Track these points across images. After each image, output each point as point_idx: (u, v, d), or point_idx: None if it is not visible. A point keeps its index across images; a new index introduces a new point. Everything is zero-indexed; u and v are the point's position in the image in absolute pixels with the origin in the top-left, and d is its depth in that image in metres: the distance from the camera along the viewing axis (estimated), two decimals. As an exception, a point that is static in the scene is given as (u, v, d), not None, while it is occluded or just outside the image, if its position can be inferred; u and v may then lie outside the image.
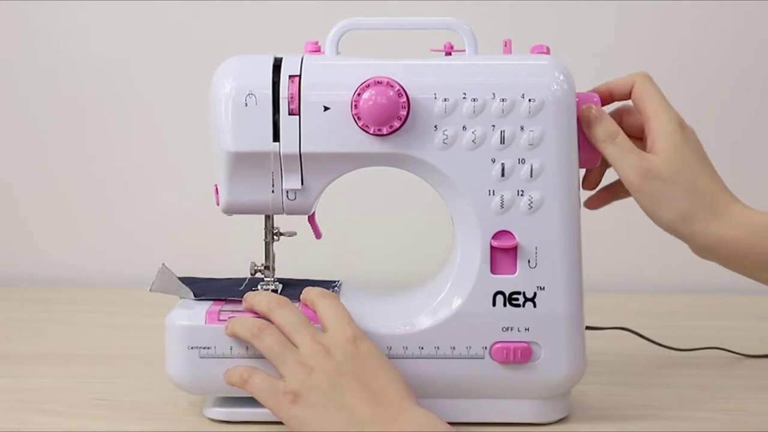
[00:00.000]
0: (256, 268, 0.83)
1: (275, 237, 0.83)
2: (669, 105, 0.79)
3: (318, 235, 0.83)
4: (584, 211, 0.78)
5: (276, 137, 0.76)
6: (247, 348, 0.77)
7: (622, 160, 0.77)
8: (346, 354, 0.73)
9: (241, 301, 0.80)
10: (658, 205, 0.77)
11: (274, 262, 0.83)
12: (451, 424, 0.78)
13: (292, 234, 0.83)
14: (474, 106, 0.76)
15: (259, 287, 0.83)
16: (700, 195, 0.76)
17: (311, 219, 0.81)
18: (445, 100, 0.76)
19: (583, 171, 0.78)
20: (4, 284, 1.29)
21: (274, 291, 0.83)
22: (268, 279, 0.83)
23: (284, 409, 0.71)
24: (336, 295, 0.78)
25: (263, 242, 0.83)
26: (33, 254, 1.32)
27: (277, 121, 0.76)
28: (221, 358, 0.77)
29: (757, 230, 0.76)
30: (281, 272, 0.84)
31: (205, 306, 0.79)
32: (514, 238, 0.77)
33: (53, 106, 1.28)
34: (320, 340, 0.74)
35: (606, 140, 0.77)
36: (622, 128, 0.79)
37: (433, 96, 0.76)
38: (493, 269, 0.77)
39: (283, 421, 0.72)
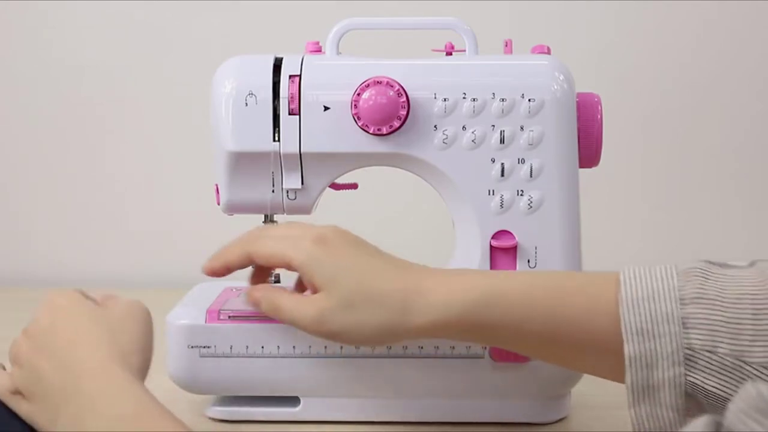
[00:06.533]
0: None
1: None
2: (292, 243, 0.71)
3: (354, 186, 0.83)
4: (584, 210, 0.78)
5: (276, 137, 0.77)
6: (248, 347, 0.77)
7: (294, 315, 0.69)
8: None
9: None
10: (353, 336, 0.68)
11: None
12: (451, 424, 0.79)
13: None
14: (474, 106, 0.76)
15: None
16: (385, 303, 0.67)
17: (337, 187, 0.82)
18: (445, 99, 0.76)
19: (582, 171, 0.78)
20: (4, 284, 1.29)
21: (276, 281, 0.83)
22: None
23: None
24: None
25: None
26: (33, 254, 1.32)
27: (277, 121, 0.76)
28: (221, 357, 0.77)
29: (458, 305, 0.66)
30: (281, 271, 0.84)
31: (205, 305, 0.79)
32: (514, 238, 0.77)
33: (53, 105, 1.28)
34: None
35: (271, 311, 0.71)
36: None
37: (433, 96, 0.76)
38: (493, 269, 0.77)
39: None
